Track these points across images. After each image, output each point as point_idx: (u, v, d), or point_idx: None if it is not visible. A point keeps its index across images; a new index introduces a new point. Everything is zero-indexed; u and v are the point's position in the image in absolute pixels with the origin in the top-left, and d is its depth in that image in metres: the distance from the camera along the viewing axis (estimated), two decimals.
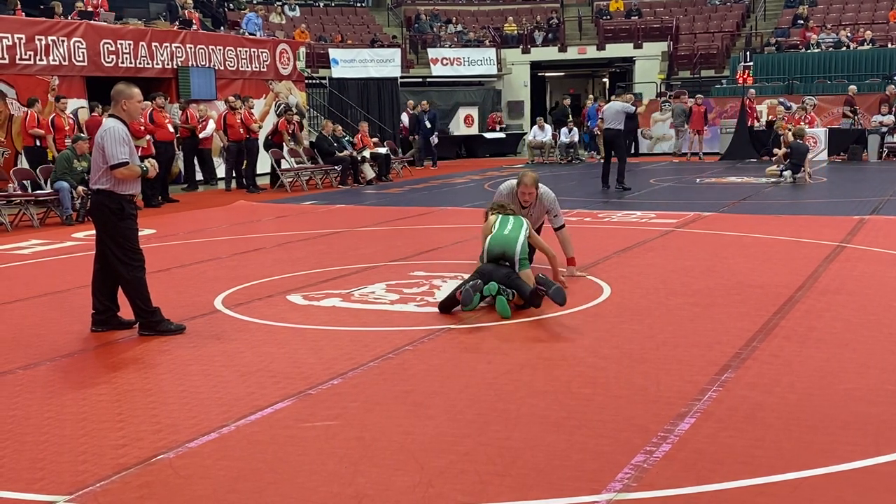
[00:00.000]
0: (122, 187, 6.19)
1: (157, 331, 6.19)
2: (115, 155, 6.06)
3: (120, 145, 6.07)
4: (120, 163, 6.08)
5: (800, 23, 29.53)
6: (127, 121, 6.28)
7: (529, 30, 31.57)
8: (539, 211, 7.99)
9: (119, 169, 6.09)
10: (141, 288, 6.24)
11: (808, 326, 6.02)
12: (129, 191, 6.25)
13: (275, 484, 3.67)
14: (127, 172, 6.13)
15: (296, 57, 23.07)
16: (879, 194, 13.90)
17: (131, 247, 6.25)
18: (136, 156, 6.29)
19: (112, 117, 6.30)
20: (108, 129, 6.17)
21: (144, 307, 6.22)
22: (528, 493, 3.53)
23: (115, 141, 6.08)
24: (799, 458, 3.80)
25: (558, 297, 6.34)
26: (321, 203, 15.23)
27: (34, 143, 14.91)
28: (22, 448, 4.15)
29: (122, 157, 6.07)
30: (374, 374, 5.19)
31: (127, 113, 6.29)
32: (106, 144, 6.10)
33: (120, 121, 6.24)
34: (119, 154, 6.07)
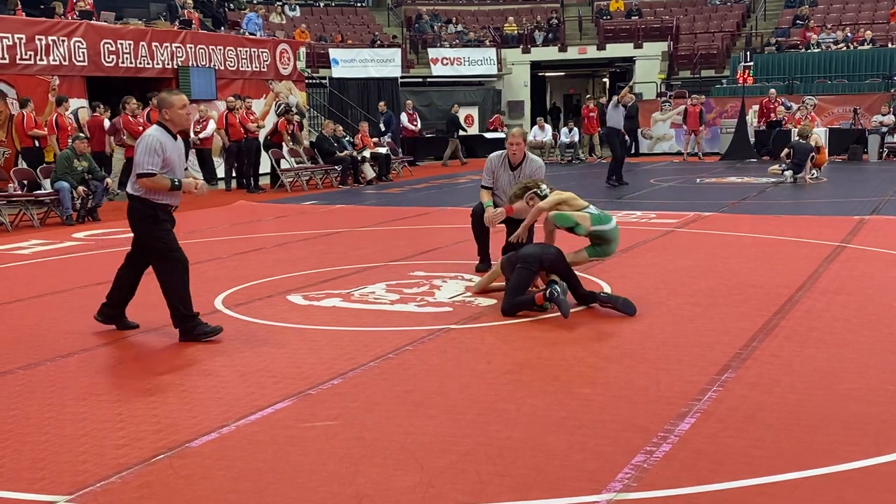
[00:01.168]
0: (157, 196, 5.98)
1: (195, 336, 6.00)
2: (141, 163, 5.90)
3: (149, 155, 5.88)
4: (145, 173, 5.89)
5: (800, 23, 29.53)
6: (174, 130, 6.07)
7: (529, 30, 31.56)
8: (528, 172, 7.98)
9: (142, 179, 5.91)
10: (182, 290, 6.07)
11: (808, 326, 6.02)
12: (165, 200, 6.04)
13: (275, 484, 3.67)
14: (149, 184, 5.92)
15: (296, 57, 23.07)
16: (879, 194, 13.90)
17: (167, 247, 6.08)
18: (176, 168, 6.04)
19: (157, 125, 6.10)
20: (144, 136, 6.04)
21: (185, 311, 6.05)
22: (528, 493, 3.52)
23: (146, 150, 5.90)
24: (799, 458, 3.80)
25: (629, 309, 6.43)
26: (321, 203, 15.23)
27: (33, 144, 14.89)
28: (22, 448, 4.15)
29: (148, 167, 5.87)
30: (374, 374, 5.19)
31: (171, 122, 6.06)
32: (137, 151, 5.97)
33: (164, 129, 6.03)
34: (145, 163, 5.88)
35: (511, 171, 7.97)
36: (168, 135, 6.02)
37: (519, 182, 7.58)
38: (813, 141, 17.30)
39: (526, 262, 6.66)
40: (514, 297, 6.56)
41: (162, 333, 6.31)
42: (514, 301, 6.55)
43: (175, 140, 6.08)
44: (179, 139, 6.19)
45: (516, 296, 6.57)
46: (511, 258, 6.90)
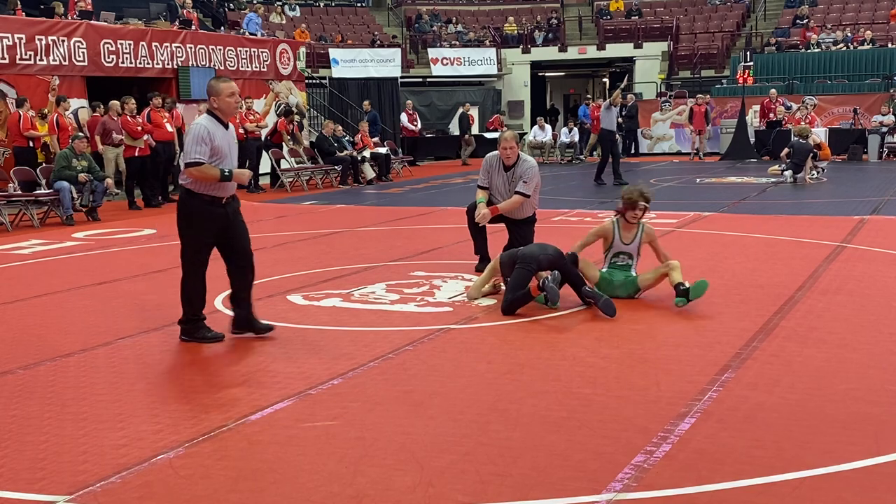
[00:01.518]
0: (202, 187, 5.80)
1: (195, 337, 5.97)
2: (188, 152, 5.74)
3: (197, 144, 5.71)
4: (192, 161, 5.72)
5: (800, 23, 29.53)
6: (224, 119, 5.89)
7: (529, 30, 31.56)
8: (521, 172, 7.94)
9: (190, 168, 5.74)
10: (194, 295, 5.98)
11: (808, 326, 6.02)
12: (212, 192, 5.83)
13: (275, 484, 3.67)
14: (197, 174, 5.73)
15: (296, 57, 23.07)
16: (879, 194, 13.91)
17: (191, 253, 5.93)
18: (225, 157, 5.85)
19: (207, 114, 5.92)
20: (193, 125, 5.90)
21: (189, 314, 6.00)
22: (528, 493, 3.52)
23: (194, 139, 5.74)
24: (799, 458, 3.80)
25: (608, 310, 6.44)
26: (321, 203, 15.23)
27: (27, 144, 14.81)
28: (22, 448, 4.15)
29: (195, 156, 5.70)
30: (374, 374, 5.19)
31: (220, 110, 5.87)
32: (186, 141, 5.86)
33: (214, 118, 5.85)
34: (193, 152, 5.71)
35: (505, 173, 7.99)
36: (218, 123, 5.85)
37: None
38: (812, 140, 17.33)
39: (525, 261, 6.67)
40: (513, 294, 6.58)
41: (162, 333, 6.31)
42: (512, 298, 6.57)
43: (226, 129, 5.91)
44: (231, 128, 6.03)
45: (511, 289, 6.62)
46: (511, 256, 6.91)
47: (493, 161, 8.07)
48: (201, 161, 5.72)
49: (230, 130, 5.97)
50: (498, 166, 8.01)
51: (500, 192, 8.00)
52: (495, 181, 8.05)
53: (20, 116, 14.69)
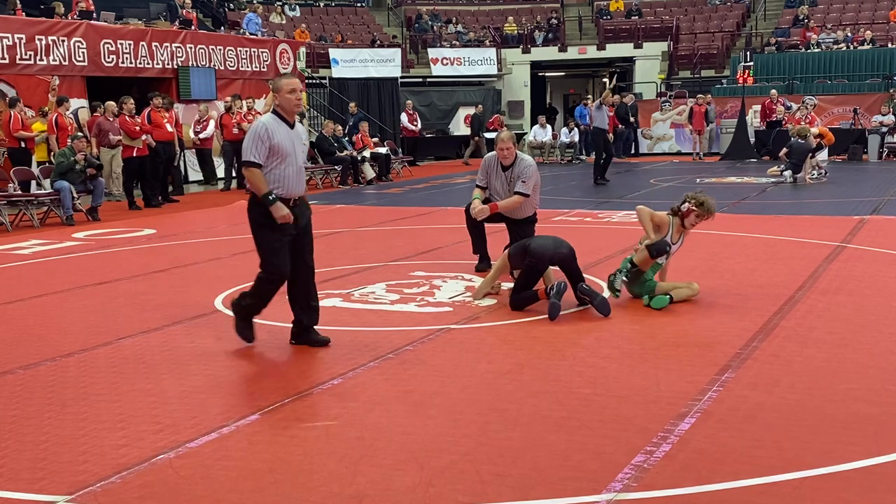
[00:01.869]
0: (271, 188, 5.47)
1: (238, 330, 5.80)
2: (245, 150, 5.48)
3: (254, 143, 5.42)
4: (246, 161, 5.43)
5: (800, 23, 29.53)
6: (287, 116, 5.55)
7: (529, 30, 31.56)
8: (518, 172, 7.92)
9: (246, 168, 5.47)
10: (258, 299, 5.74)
11: (808, 326, 6.02)
12: (277, 192, 5.50)
13: (275, 484, 3.67)
14: (249, 176, 5.46)
15: (296, 57, 23.08)
16: (879, 194, 13.91)
17: (266, 258, 5.63)
18: (288, 157, 5.49)
19: (272, 112, 5.62)
20: (254, 122, 5.64)
21: (243, 306, 5.79)
22: (528, 493, 3.52)
23: (251, 137, 5.46)
24: (799, 458, 3.80)
25: (603, 309, 6.43)
26: (321, 203, 15.22)
27: (18, 145, 14.74)
28: (22, 448, 4.15)
29: (250, 155, 5.41)
30: (374, 374, 5.19)
31: (281, 107, 5.55)
32: (244, 139, 5.56)
33: (277, 116, 5.54)
34: (248, 151, 5.43)
35: (503, 173, 7.98)
36: (280, 121, 5.52)
37: None
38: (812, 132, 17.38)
39: (536, 257, 6.65)
40: (521, 292, 6.63)
41: (162, 333, 6.31)
42: (521, 296, 6.63)
43: (291, 127, 5.57)
44: (298, 126, 5.67)
45: (522, 291, 6.62)
46: (522, 247, 6.87)
47: (491, 161, 8.06)
48: (256, 162, 5.42)
49: (296, 129, 5.63)
50: (496, 167, 8.01)
51: (499, 192, 8.00)
52: (493, 182, 8.05)
53: (10, 117, 14.63)
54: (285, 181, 5.51)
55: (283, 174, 5.51)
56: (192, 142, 18.65)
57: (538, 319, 6.44)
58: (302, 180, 5.67)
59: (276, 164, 5.48)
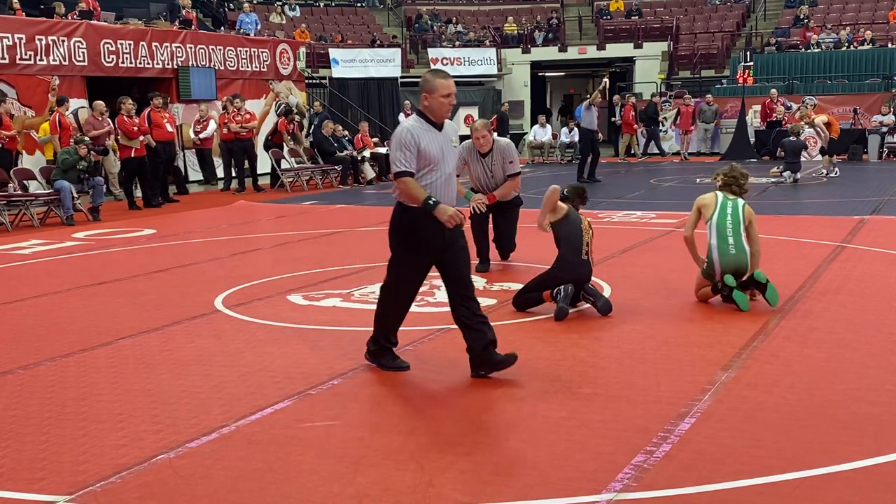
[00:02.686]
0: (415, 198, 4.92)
1: (379, 362, 5.30)
2: (393, 160, 4.97)
3: (400, 150, 4.91)
4: (399, 171, 4.90)
5: (800, 23, 29.53)
6: (436, 119, 4.99)
7: (529, 30, 31.56)
8: (499, 160, 8.15)
9: (399, 179, 4.93)
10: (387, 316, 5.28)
11: (808, 326, 6.02)
12: None
13: (275, 484, 3.67)
14: (402, 187, 4.92)
15: (296, 57, 23.07)
16: (879, 194, 13.91)
17: (398, 271, 5.17)
18: (439, 163, 4.95)
19: (416, 114, 5.09)
20: (398, 128, 5.11)
21: (379, 335, 5.32)
22: (528, 493, 3.52)
23: (397, 144, 4.95)
24: (799, 458, 3.80)
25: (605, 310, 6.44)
26: (321, 203, 15.23)
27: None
28: (22, 448, 4.15)
29: (399, 165, 4.90)
30: (374, 374, 5.19)
31: (430, 110, 4.98)
32: (391, 149, 5.06)
33: (423, 119, 5.00)
34: (397, 160, 4.92)
35: (482, 160, 8.18)
36: (427, 124, 4.97)
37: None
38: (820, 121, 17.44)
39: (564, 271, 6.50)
40: (529, 294, 6.64)
41: (162, 333, 6.31)
42: (527, 298, 6.64)
43: (439, 130, 5.00)
44: (447, 127, 5.06)
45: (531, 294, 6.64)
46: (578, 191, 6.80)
47: (469, 147, 8.21)
48: (408, 171, 4.89)
49: (445, 132, 5.03)
50: (475, 155, 8.19)
51: (480, 178, 8.22)
52: (474, 169, 8.23)
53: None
54: (434, 191, 4.93)
55: (430, 183, 4.94)
56: (192, 142, 18.65)
57: (538, 319, 6.43)
58: (452, 189, 5.11)
59: (423, 173, 4.95)
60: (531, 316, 6.51)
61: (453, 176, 5.12)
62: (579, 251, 6.54)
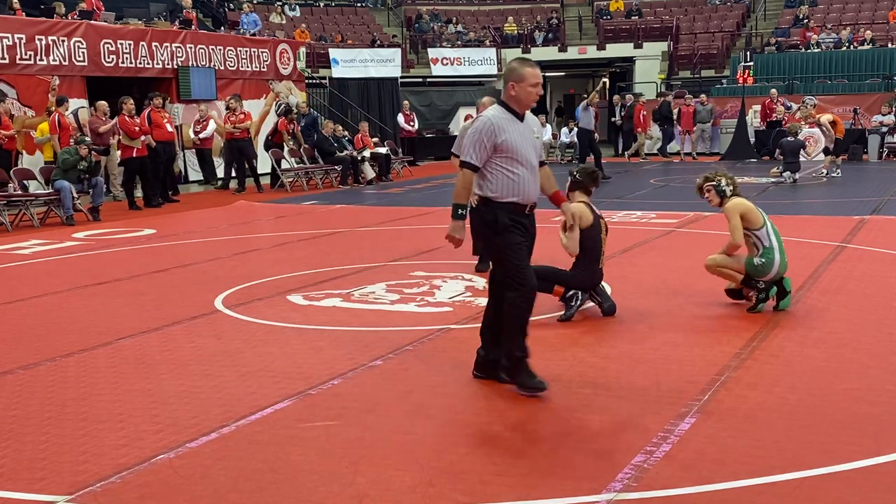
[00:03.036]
0: (500, 189, 4.71)
1: (517, 382, 4.80)
2: (464, 146, 4.75)
3: (474, 140, 4.68)
4: (464, 161, 4.70)
5: (800, 23, 29.53)
6: (518, 109, 4.75)
7: (529, 30, 31.56)
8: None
9: (461, 168, 4.72)
10: (518, 327, 4.87)
11: (808, 326, 6.02)
12: (511, 197, 4.71)
13: (275, 484, 3.67)
14: (461, 180, 4.71)
15: (296, 57, 23.07)
16: (879, 194, 13.91)
17: (514, 264, 4.77)
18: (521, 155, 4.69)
19: (498, 104, 4.84)
20: (477, 117, 4.94)
21: (517, 352, 4.84)
22: (528, 493, 3.52)
23: (473, 133, 4.72)
24: (799, 458, 3.80)
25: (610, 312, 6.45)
26: (321, 203, 15.23)
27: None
28: (22, 448, 4.15)
29: (467, 155, 4.68)
30: (374, 374, 5.19)
31: (517, 99, 4.73)
32: (467, 133, 4.81)
33: (506, 109, 4.76)
34: (466, 149, 4.70)
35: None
36: (510, 115, 4.74)
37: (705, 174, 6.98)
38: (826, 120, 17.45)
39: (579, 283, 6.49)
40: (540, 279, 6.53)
41: (162, 333, 6.31)
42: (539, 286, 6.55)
43: (521, 121, 4.77)
44: (529, 118, 4.83)
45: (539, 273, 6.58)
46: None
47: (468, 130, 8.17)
48: (472, 164, 4.68)
49: (526, 123, 4.80)
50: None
51: None
52: None
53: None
54: (519, 184, 4.70)
55: (518, 178, 4.71)
56: (192, 142, 18.65)
57: (538, 319, 6.42)
58: (537, 183, 4.85)
59: (508, 165, 4.69)
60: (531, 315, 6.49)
61: (537, 168, 4.86)
62: (598, 260, 6.55)
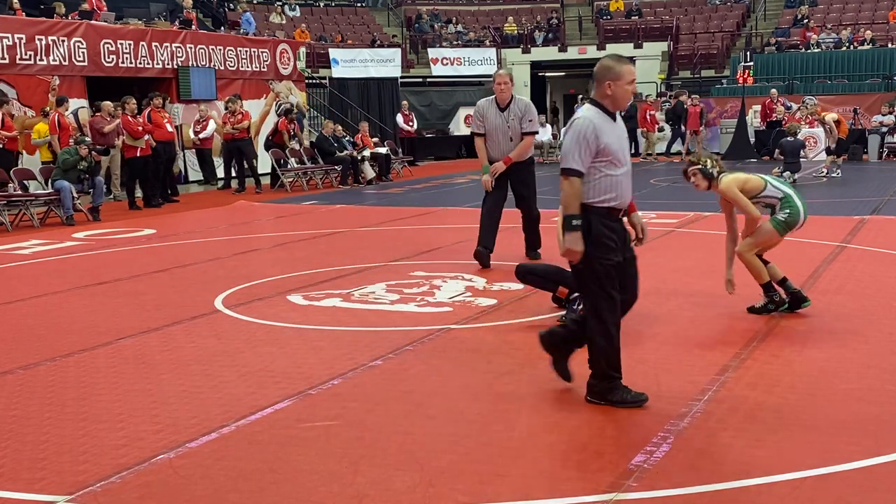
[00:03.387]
0: (597, 192, 4.42)
1: (608, 399, 4.53)
2: (567, 154, 4.40)
3: (577, 144, 4.37)
4: (568, 168, 4.37)
5: (800, 23, 29.53)
6: (612, 109, 4.51)
7: (529, 30, 31.58)
8: (518, 116, 8.35)
9: (565, 176, 4.39)
10: (607, 347, 4.52)
11: (808, 326, 6.02)
12: (608, 201, 4.43)
13: (275, 484, 3.67)
14: (567, 187, 4.36)
15: (296, 57, 23.07)
16: (879, 194, 13.91)
17: (603, 291, 4.46)
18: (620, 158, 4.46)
19: (590, 103, 4.55)
20: (574, 119, 4.52)
21: (606, 368, 4.55)
22: (528, 493, 3.52)
23: (575, 137, 4.40)
24: (799, 458, 3.80)
25: None
26: (321, 203, 15.23)
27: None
28: (22, 448, 4.15)
29: (573, 162, 4.36)
30: (374, 374, 5.19)
31: (611, 99, 4.48)
32: (565, 139, 4.49)
33: (601, 109, 4.49)
34: (572, 157, 4.37)
35: (501, 112, 8.33)
36: (606, 116, 4.49)
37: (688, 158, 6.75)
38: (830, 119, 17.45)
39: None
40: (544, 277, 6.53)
41: (162, 333, 6.31)
42: (536, 280, 6.57)
43: (615, 121, 4.53)
44: (619, 119, 4.61)
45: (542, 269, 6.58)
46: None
47: (485, 106, 8.42)
48: (579, 170, 4.36)
49: (619, 122, 4.59)
50: (492, 108, 8.36)
51: (498, 132, 8.35)
52: (493, 123, 8.35)
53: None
54: (620, 188, 4.47)
55: (616, 180, 4.47)
56: (192, 142, 18.65)
57: (538, 319, 6.43)
58: (631, 184, 4.62)
59: (607, 168, 4.45)
60: (531, 316, 6.51)
61: (630, 170, 4.64)
62: None
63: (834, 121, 17.75)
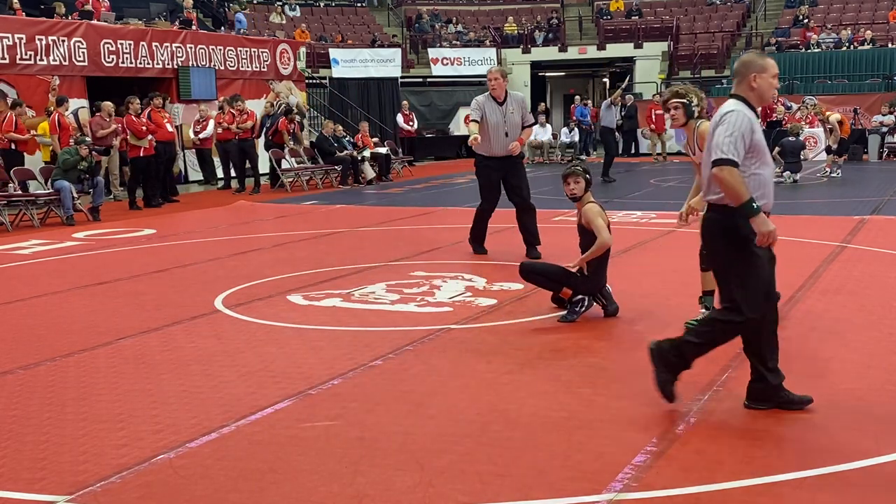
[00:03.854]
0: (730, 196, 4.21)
1: (775, 401, 4.44)
2: (720, 144, 4.17)
3: (731, 136, 4.16)
4: (722, 158, 4.13)
5: (800, 23, 29.53)
6: (756, 104, 4.36)
7: (530, 30, 31.56)
8: (516, 109, 8.79)
9: (720, 167, 4.13)
10: (760, 341, 4.47)
11: (808, 326, 6.02)
12: (756, 195, 4.22)
13: (275, 484, 3.67)
14: (726, 177, 4.10)
15: (296, 57, 23.07)
16: (879, 194, 13.90)
17: (754, 287, 4.30)
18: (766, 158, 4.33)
19: (735, 98, 4.37)
20: (726, 112, 4.28)
21: (762, 366, 4.49)
22: (528, 493, 3.52)
23: (731, 129, 4.19)
24: (799, 458, 3.80)
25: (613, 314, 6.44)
26: (321, 203, 15.23)
27: (9, 146, 14.49)
28: (22, 448, 4.15)
29: (729, 151, 4.13)
30: (374, 374, 5.19)
31: (757, 93, 4.34)
32: (717, 131, 4.24)
33: (745, 104, 4.32)
34: (725, 147, 4.14)
35: (499, 107, 8.73)
36: (752, 111, 4.34)
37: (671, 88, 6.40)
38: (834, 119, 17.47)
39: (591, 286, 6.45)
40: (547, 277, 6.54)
41: (162, 333, 6.31)
42: (539, 279, 6.58)
43: (757, 117, 4.38)
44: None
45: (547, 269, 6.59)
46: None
47: (483, 101, 8.76)
48: (733, 160, 4.14)
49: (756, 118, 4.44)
50: (490, 104, 8.74)
51: (498, 127, 8.73)
52: (491, 118, 8.71)
53: (4, 118, 14.51)
54: (767, 187, 4.32)
55: (764, 179, 4.31)
56: (192, 142, 18.65)
57: (538, 319, 6.44)
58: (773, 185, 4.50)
59: (757, 167, 4.28)
60: (531, 316, 6.51)
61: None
62: (606, 266, 6.53)
63: (837, 121, 17.75)
